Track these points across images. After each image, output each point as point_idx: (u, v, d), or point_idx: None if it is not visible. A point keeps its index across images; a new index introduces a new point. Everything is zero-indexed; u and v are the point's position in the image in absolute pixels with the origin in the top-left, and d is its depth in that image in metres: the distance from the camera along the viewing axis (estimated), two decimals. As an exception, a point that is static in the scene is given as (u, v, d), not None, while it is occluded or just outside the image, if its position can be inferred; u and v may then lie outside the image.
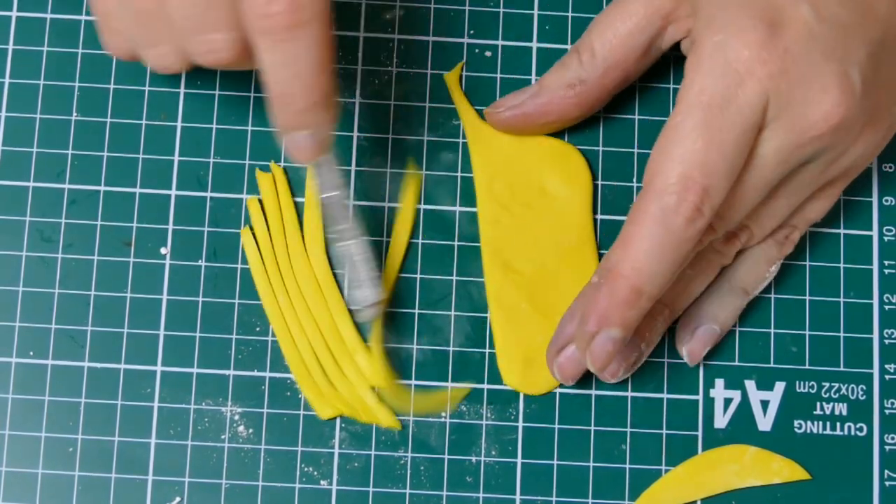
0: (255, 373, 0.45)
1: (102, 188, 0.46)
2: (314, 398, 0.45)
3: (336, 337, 0.45)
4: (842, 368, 0.46)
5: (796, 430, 0.46)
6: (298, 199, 0.46)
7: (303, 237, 0.46)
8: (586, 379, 0.45)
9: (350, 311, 0.45)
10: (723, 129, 0.38)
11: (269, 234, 0.46)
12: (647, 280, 0.39)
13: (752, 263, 0.44)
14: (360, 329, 0.45)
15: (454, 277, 0.46)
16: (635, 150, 0.47)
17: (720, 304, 0.45)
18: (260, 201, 0.46)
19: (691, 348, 0.45)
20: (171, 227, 0.46)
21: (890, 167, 0.48)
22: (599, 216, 0.47)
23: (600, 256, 0.46)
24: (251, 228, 0.46)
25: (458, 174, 0.47)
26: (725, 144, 0.38)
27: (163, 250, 0.46)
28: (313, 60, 0.37)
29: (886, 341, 0.46)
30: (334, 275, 0.45)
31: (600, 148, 0.47)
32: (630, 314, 0.39)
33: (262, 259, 0.46)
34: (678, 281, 0.43)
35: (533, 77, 0.48)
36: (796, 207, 0.43)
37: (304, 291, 0.45)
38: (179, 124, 0.47)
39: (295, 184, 0.47)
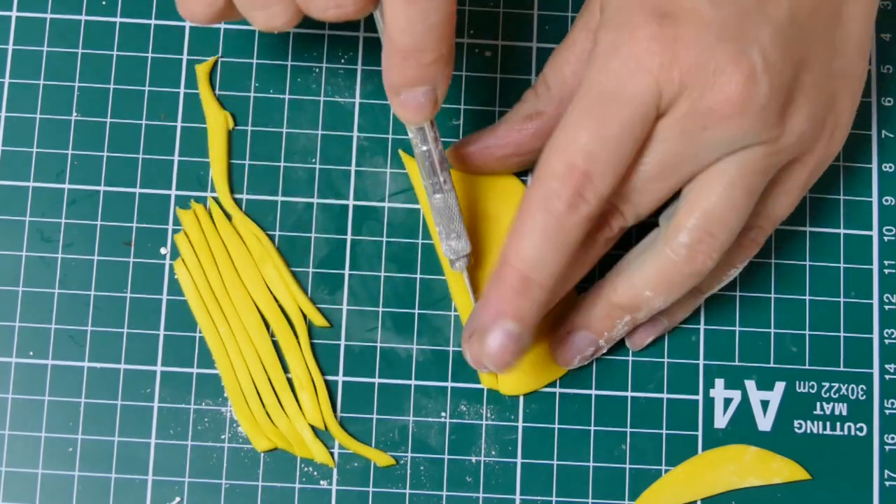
0: (255, 373, 0.45)
1: (102, 188, 0.46)
2: (250, 429, 0.45)
3: (276, 370, 0.45)
4: (842, 368, 0.46)
5: (796, 430, 0.46)
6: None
7: (236, 269, 0.46)
8: (586, 379, 0.46)
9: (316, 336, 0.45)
10: (607, 118, 0.38)
11: (202, 267, 0.46)
12: (534, 268, 0.39)
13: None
14: (317, 362, 0.45)
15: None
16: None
17: (677, 303, 0.43)
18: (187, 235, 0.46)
19: (635, 338, 0.45)
20: (171, 227, 0.46)
21: (890, 167, 0.48)
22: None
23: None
24: (184, 262, 0.46)
25: (458, 174, 0.47)
26: (609, 133, 0.38)
27: (163, 250, 0.46)
28: (448, 12, 0.38)
29: (886, 341, 0.46)
30: (281, 309, 0.45)
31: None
32: (522, 304, 0.39)
33: (198, 290, 0.46)
34: (628, 290, 0.42)
35: (533, 77, 0.48)
36: (757, 204, 0.42)
37: (246, 324, 0.45)
38: (179, 124, 0.47)
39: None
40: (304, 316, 0.46)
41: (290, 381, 0.45)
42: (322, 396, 0.45)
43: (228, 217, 0.46)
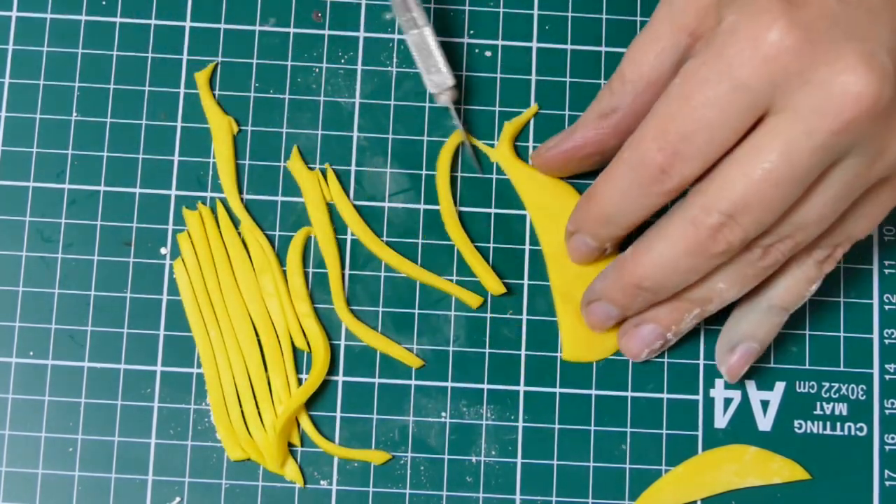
0: (255, 373, 0.45)
1: (102, 188, 0.46)
2: (225, 436, 0.44)
3: (261, 382, 0.45)
4: (842, 368, 0.46)
5: (796, 430, 0.46)
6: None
7: (234, 274, 0.46)
8: (586, 379, 0.46)
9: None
10: (706, 98, 0.37)
11: (201, 269, 0.46)
12: (614, 208, 0.41)
13: (791, 281, 0.43)
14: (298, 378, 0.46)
15: (454, 277, 0.46)
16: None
17: (758, 323, 0.44)
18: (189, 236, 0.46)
19: (731, 366, 0.44)
20: (171, 227, 0.46)
21: (890, 167, 0.48)
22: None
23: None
24: (183, 262, 0.46)
25: (459, 174, 0.47)
26: (704, 113, 0.37)
27: (163, 250, 0.46)
28: None
29: (886, 341, 0.46)
30: (273, 324, 0.45)
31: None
32: (600, 231, 0.42)
33: (194, 292, 0.45)
34: (704, 284, 0.42)
35: (533, 77, 0.48)
36: (838, 221, 0.40)
37: (237, 332, 0.45)
38: (179, 124, 0.47)
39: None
40: (291, 337, 0.45)
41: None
42: (300, 414, 0.45)
43: (236, 222, 0.46)
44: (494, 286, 0.46)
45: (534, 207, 0.47)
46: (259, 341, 0.45)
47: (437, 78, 0.45)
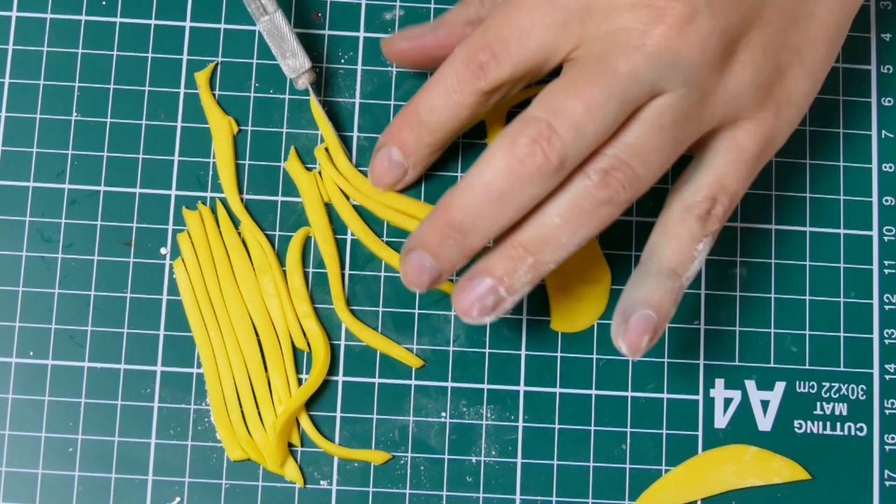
0: (255, 373, 0.45)
1: (102, 188, 0.46)
2: (225, 436, 0.45)
3: (261, 382, 0.45)
4: (842, 368, 0.46)
5: (796, 430, 0.46)
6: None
7: (234, 274, 0.46)
8: (586, 379, 0.46)
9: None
10: (522, 9, 0.39)
11: (201, 269, 0.46)
12: (427, 111, 0.42)
13: (672, 240, 0.41)
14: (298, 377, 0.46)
15: (454, 278, 0.46)
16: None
17: (649, 287, 0.40)
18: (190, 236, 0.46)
19: (628, 338, 0.40)
20: (171, 227, 0.46)
21: (890, 167, 0.48)
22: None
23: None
24: (183, 262, 0.46)
25: (458, 174, 0.47)
26: (518, 21, 0.40)
27: (163, 250, 0.46)
28: None
29: (886, 341, 0.46)
30: (273, 324, 0.45)
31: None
32: (407, 136, 0.43)
33: (194, 292, 0.46)
34: (534, 221, 0.40)
35: (533, 77, 0.48)
36: (701, 169, 0.41)
37: (237, 332, 0.45)
38: (179, 124, 0.47)
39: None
40: (292, 337, 0.46)
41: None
42: (300, 414, 0.45)
43: (236, 222, 0.46)
44: None
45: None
46: (259, 341, 0.45)
47: (293, 62, 0.45)
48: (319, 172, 0.47)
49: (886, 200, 0.47)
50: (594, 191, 0.39)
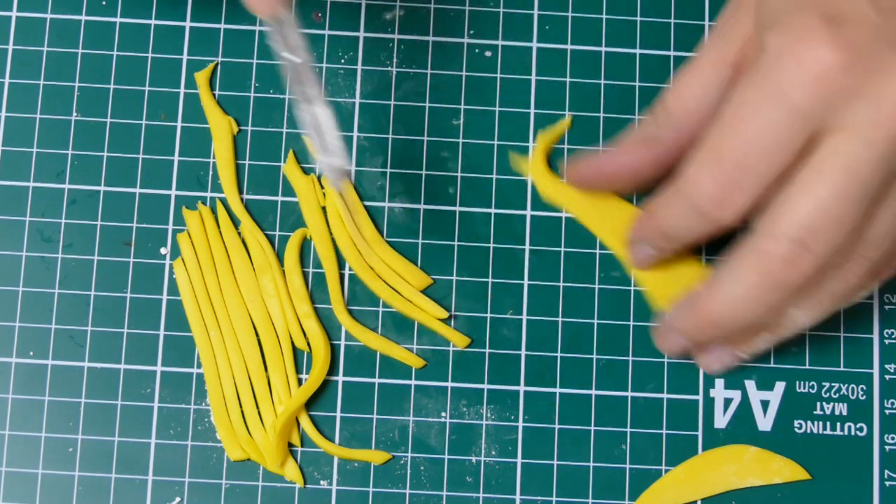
0: (255, 373, 0.45)
1: (102, 188, 0.46)
2: (225, 436, 0.44)
3: (261, 383, 0.45)
4: (842, 368, 0.46)
5: (796, 430, 0.46)
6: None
7: (234, 275, 0.46)
8: (586, 379, 0.46)
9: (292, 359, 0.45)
10: (759, 123, 0.37)
11: (201, 269, 0.46)
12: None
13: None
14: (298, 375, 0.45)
15: (454, 277, 0.46)
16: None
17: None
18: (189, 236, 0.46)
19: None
20: (171, 227, 0.46)
21: (890, 167, 0.48)
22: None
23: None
24: (183, 262, 0.46)
25: (458, 174, 0.47)
26: (758, 139, 0.37)
27: (163, 250, 0.46)
28: None
29: (886, 341, 0.46)
30: (273, 324, 0.45)
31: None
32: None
33: (194, 292, 0.45)
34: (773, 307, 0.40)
35: (533, 77, 0.48)
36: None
37: (237, 332, 0.45)
38: (179, 124, 0.47)
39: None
40: (292, 337, 0.45)
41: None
42: (300, 414, 0.45)
43: (236, 222, 0.46)
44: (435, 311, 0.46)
45: (586, 215, 0.47)
46: (259, 341, 0.45)
47: (330, 159, 0.41)
48: (318, 176, 0.47)
49: (886, 200, 0.47)
50: (832, 287, 0.40)
